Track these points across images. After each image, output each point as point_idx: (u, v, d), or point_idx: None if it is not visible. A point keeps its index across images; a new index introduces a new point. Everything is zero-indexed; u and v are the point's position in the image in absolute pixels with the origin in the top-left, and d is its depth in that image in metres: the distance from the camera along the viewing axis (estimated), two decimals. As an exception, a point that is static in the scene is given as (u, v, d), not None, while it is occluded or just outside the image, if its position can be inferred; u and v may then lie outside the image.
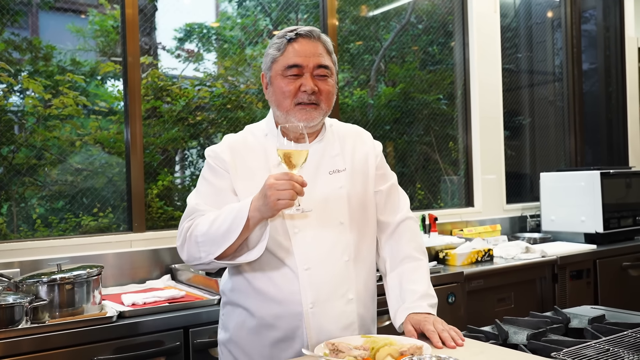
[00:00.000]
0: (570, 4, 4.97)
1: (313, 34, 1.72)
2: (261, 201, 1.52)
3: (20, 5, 2.89)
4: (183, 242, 1.67)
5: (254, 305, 1.70)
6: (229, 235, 1.57)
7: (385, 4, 4.20)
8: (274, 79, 1.72)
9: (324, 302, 1.67)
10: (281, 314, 1.67)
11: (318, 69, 1.70)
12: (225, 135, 1.83)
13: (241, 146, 1.77)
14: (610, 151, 5.42)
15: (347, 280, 1.71)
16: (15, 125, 2.89)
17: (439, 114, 4.33)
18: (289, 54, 1.69)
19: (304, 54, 1.68)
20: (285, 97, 1.69)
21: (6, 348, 1.93)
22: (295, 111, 1.69)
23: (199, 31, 3.57)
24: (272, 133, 1.77)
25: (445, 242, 3.37)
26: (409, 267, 1.80)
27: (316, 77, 1.70)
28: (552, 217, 4.13)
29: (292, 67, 1.68)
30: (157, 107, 3.24)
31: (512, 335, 1.77)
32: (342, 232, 1.73)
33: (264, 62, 1.76)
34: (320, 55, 1.71)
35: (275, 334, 1.68)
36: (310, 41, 1.71)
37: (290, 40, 1.70)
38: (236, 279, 1.76)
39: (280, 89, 1.70)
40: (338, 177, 1.76)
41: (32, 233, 2.84)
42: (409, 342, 1.52)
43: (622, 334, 1.65)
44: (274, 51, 1.72)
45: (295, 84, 1.68)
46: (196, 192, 1.76)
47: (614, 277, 3.74)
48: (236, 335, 1.75)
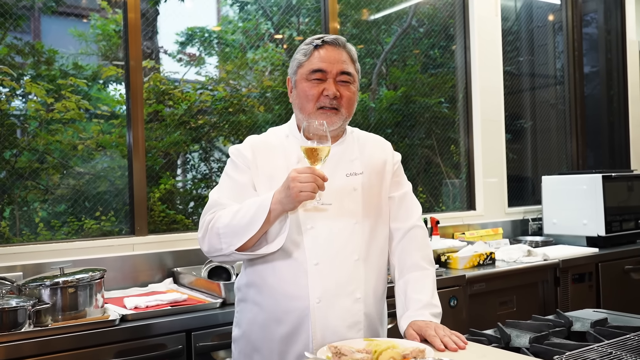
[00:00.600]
0: (572, 7, 4.97)
1: (339, 42, 1.79)
2: (283, 193, 1.58)
3: (23, 9, 2.90)
4: (204, 234, 1.71)
5: (265, 300, 1.74)
6: (250, 227, 1.62)
7: (387, 8, 4.21)
8: (299, 82, 1.79)
9: (331, 298, 1.70)
10: (289, 309, 1.70)
11: (341, 75, 1.76)
12: (249, 136, 1.90)
13: (263, 145, 1.83)
14: (612, 154, 5.41)
15: (355, 279, 1.74)
16: (17, 129, 2.90)
17: (441, 117, 4.33)
18: (314, 59, 1.76)
19: (329, 60, 1.75)
20: (308, 100, 1.75)
21: (9, 351, 1.93)
22: (316, 115, 1.74)
23: (200, 35, 3.58)
24: (293, 134, 1.84)
25: (447, 246, 3.37)
26: (415, 276, 1.82)
27: (339, 83, 1.76)
28: (554, 221, 4.12)
29: (317, 72, 1.75)
30: (159, 110, 3.24)
31: (515, 339, 1.77)
32: (354, 232, 1.76)
33: (291, 67, 1.84)
34: (344, 62, 1.78)
35: (283, 329, 1.71)
36: (335, 48, 1.78)
37: (317, 47, 1.77)
38: (250, 275, 1.80)
39: (304, 92, 1.76)
40: (354, 179, 1.81)
41: (34, 237, 2.84)
42: (412, 346, 1.52)
43: (624, 337, 1.65)
44: (300, 56, 1.79)
45: (319, 88, 1.75)
46: (218, 187, 1.81)
47: (616, 281, 3.73)
48: (248, 330, 1.79)
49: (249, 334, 1.79)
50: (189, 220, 3.27)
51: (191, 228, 3.23)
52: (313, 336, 1.67)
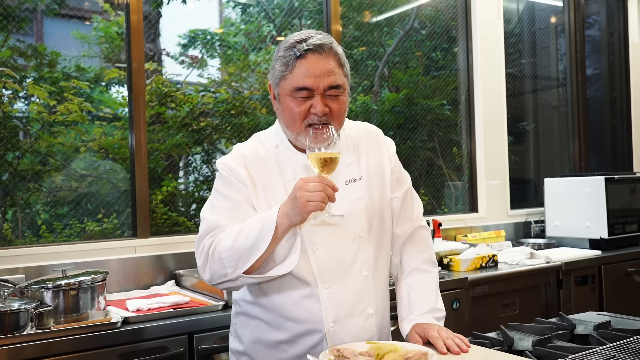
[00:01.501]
0: (574, 9, 4.97)
1: (324, 48, 1.58)
2: (290, 205, 1.47)
3: (26, 12, 2.91)
4: (205, 261, 1.58)
5: (273, 322, 1.67)
6: (257, 247, 1.50)
7: (389, 10, 4.21)
8: (283, 97, 1.62)
9: (345, 319, 1.65)
10: (302, 332, 1.64)
11: (329, 90, 1.59)
12: (235, 146, 1.76)
13: (253, 158, 1.69)
14: (615, 157, 5.40)
15: (367, 296, 1.69)
16: (20, 132, 2.90)
17: (443, 119, 4.33)
18: (298, 74, 1.57)
19: (314, 74, 1.56)
20: (294, 119, 1.60)
21: (11, 354, 1.93)
22: (306, 133, 1.58)
23: (202, 37, 3.59)
24: (284, 144, 1.71)
25: (449, 248, 3.36)
26: (418, 279, 1.79)
27: (328, 97, 1.59)
28: (557, 223, 4.12)
29: (302, 90, 1.57)
30: (162, 113, 3.25)
31: (518, 342, 1.77)
32: (361, 245, 1.69)
33: (271, 74, 1.66)
34: (332, 72, 1.58)
35: (295, 350, 1.65)
36: (320, 57, 1.57)
37: (299, 57, 1.57)
38: (254, 292, 1.71)
39: (289, 111, 1.60)
40: (354, 187, 1.71)
41: (36, 239, 2.84)
42: (414, 348, 1.52)
43: (628, 340, 1.64)
44: (281, 66, 1.60)
45: (305, 105, 1.58)
46: (211, 207, 1.67)
47: (619, 283, 3.72)
48: (252, 349, 1.72)
49: (254, 352, 1.72)
50: (191, 223, 3.27)
51: (193, 230, 3.23)
52: None
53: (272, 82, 1.67)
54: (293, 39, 1.61)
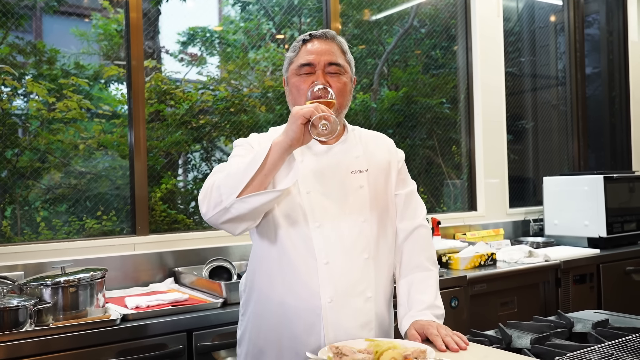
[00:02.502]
0: (574, 8, 4.97)
1: (327, 35, 1.78)
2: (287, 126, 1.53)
3: (25, 9, 2.91)
4: (205, 195, 1.61)
5: (273, 300, 1.71)
6: (251, 166, 1.53)
7: (388, 8, 4.21)
8: (290, 78, 1.79)
9: (342, 297, 1.67)
10: (299, 309, 1.67)
11: (330, 67, 1.75)
12: (252, 134, 1.88)
13: (265, 141, 1.77)
14: (614, 155, 5.41)
15: (366, 278, 1.72)
16: (19, 129, 2.90)
17: (442, 117, 4.33)
18: (302, 54, 1.77)
19: (316, 52, 1.74)
20: (300, 94, 1.74)
21: (10, 350, 1.93)
22: None
23: (202, 35, 3.58)
24: None
25: (448, 246, 3.37)
26: (419, 276, 1.81)
27: (328, 74, 1.74)
28: (555, 222, 4.12)
29: (305, 66, 1.74)
30: (161, 110, 3.25)
31: (516, 340, 1.77)
32: (363, 229, 1.74)
33: (284, 66, 1.85)
34: (333, 53, 1.76)
35: (293, 329, 1.68)
36: (323, 41, 1.77)
37: (305, 42, 1.78)
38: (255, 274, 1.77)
39: (295, 87, 1.76)
40: (360, 176, 1.79)
41: (35, 236, 2.84)
42: (413, 346, 1.52)
43: (626, 338, 1.64)
44: (290, 53, 1.81)
45: (308, 81, 1.74)
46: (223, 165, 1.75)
47: (617, 282, 3.73)
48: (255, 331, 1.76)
49: (256, 335, 1.76)
50: (190, 220, 3.27)
51: (192, 228, 3.23)
52: (325, 336, 1.64)
53: (283, 73, 1.85)
54: (303, 34, 1.82)
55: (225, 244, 3.08)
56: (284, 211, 1.71)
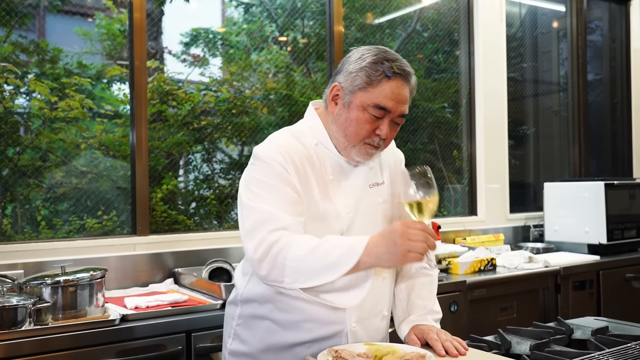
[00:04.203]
0: (577, 14, 4.98)
1: (409, 77, 1.62)
2: (384, 248, 1.39)
3: (29, 8, 2.91)
4: (264, 257, 1.49)
5: (290, 323, 1.64)
6: (329, 272, 1.43)
7: (391, 12, 4.22)
8: (354, 107, 1.60)
9: (365, 319, 1.67)
10: (323, 334, 1.63)
11: (398, 118, 1.63)
12: (273, 138, 1.69)
13: (297, 153, 1.64)
14: (615, 162, 5.41)
15: (384, 297, 1.73)
16: (21, 127, 2.90)
17: (444, 122, 4.33)
18: (383, 93, 1.57)
19: (396, 99, 1.59)
20: (359, 133, 1.60)
21: (9, 349, 1.93)
22: (359, 147, 1.62)
23: (205, 36, 3.59)
24: (324, 144, 1.68)
25: (448, 251, 3.36)
26: (419, 281, 1.81)
27: (392, 122, 1.63)
28: (556, 228, 4.12)
29: (381, 109, 1.58)
30: (163, 111, 3.25)
31: (515, 346, 1.77)
32: None
33: (348, 78, 1.62)
34: (406, 101, 1.63)
35: (309, 351, 1.63)
36: (404, 84, 1.60)
37: (389, 77, 1.58)
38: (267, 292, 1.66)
39: (358, 123, 1.60)
40: (378, 190, 1.74)
41: (36, 235, 2.84)
42: (412, 351, 1.52)
43: (625, 346, 1.64)
44: (365, 77, 1.58)
45: (374, 125, 1.60)
46: (257, 196, 1.58)
47: (617, 289, 3.72)
48: (260, 351, 1.68)
49: (263, 355, 1.68)
50: (191, 221, 3.27)
51: (193, 229, 3.23)
52: None
53: (344, 86, 1.63)
54: (379, 54, 1.60)
55: (225, 245, 3.08)
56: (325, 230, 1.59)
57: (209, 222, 3.39)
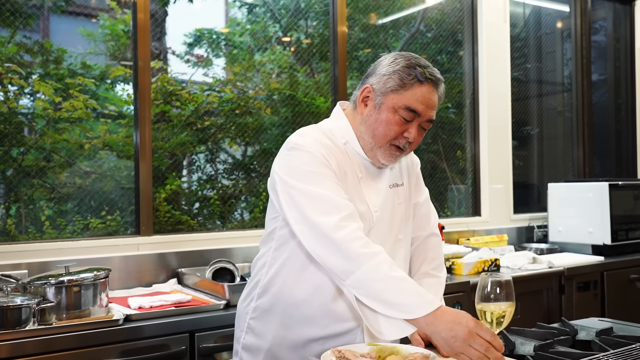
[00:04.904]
0: (581, 14, 4.96)
1: (439, 84, 1.66)
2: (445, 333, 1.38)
3: (33, 8, 2.92)
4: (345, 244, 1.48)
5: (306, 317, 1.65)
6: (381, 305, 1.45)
7: (395, 12, 4.21)
8: (386, 108, 1.63)
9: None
10: (337, 331, 1.65)
11: (426, 123, 1.66)
12: (305, 131, 1.69)
13: (331, 148, 1.66)
14: (619, 163, 5.39)
15: None
16: (25, 128, 2.91)
17: (447, 122, 4.33)
18: (414, 96, 1.61)
19: (426, 103, 1.62)
20: (387, 134, 1.63)
21: (13, 349, 1.94)
22: (385, 149, 1.65)
23: (208, 36, 3.59)
24: (352, 143, 1.71)
25: (451, 251, 3.36)
26: (426, 282, 1.82)
27: (420, 127, 1.65)
28: (560, 228, 4.11)
29: (411, 112, 1.61)
30: (166, 111, 3.25)
31: (519, 346, 1.76)
32: (399, 248, 1.75)
33: (381, 80, 1.65)
34: (435, 108, 1.66)
35: (324, 348, 1.63)
36: (434, 90, 1.64)
37: (421, 82, 1.61)
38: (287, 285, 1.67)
39: (387, 124, 1.63)
40: (397, 191, 1.77)
41: (40, 235, 2.85)
42: (416, 351, 1.52)
43: (630, 347, 1.64)
44: (398, 80, 1.62)
45: (403, 127, 1.63)
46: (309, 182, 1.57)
47: (621, 290, 3.71)
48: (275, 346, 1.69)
49: (277, 349, 1.68)
50: (194, 222, 3.28)
51: (196, 229, 3.24)
52: None
53: (376, 88, 1.65)
54: (412, 59, 1.64)
55: (228, 245, 3.08)
56: None
57: (212, 223, 3.40)
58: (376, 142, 1.65)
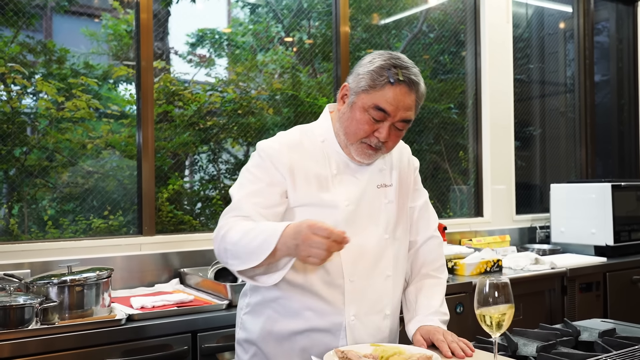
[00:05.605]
0: (584, 15, 4.96)
1: (414, 85, 1.63)
2: (291, 242, 1.43)
3: (36, 8, 2.92)
4: (216, 238, 1.61)
5: (290, 311, 1.68)
6: (252, 257, 1.50)
7: (398, 13, 4.21)
8: (356, 107, 1.64)
9: (364, 315, 1.68)
10: (321, 326, 1.66)
11: (400, 123, 1.64)
12: (279, 134, 1.76)
13: (298, 146, 1.71)
14: (622, 163, 5.38)
15: (386, 296, 1.73)
16: (28, 127, 2.91)
17: (450, 123, 4.32)
18: (384, 97, 1.60)
19: (397, 104, 1.60)
20: (357, 132, 1.65)
21: (16, 348, 1.94)
22: (357, 146, 1.67)
23: (211, 36, 3.59)
24: (330, 141, 1.74)
25: (454, 252, 3.36)
26: (428, 282, 1.84)
27: (393, 127, 1.64)
28: (562, 229, 4.10)
29: (381, 112, 1.61)
30: (169, 111, 3.25)
31: (522, 347, 1.76)
32: (386, 247, 1.74)
33: (355, 79, 1.66)
34: (410, 108, 1.64)
35: (307, 342, 1.66)
36: (408, 91, 1.62)
37: (391, 83, 1.60)
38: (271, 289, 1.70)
39: (357, 122, 1.64)
40: (385, 191, 1.77)
41: (42, 234, 2.85)
42: (419, 352, 1.52)
43: (633, 348, 1.63)
44: (369, 81, 1.62)
45: (373, 127, 1.63)
46: (240, 186, 1.69)
47: (624, 291, 3.71)
48: (263, 340, 1.72)
49: (264, 344, 1.72)
50: (197, 221, 3.28)
51: (198, 229, 3.24)
52: None
53: (352, 87, 1.67)
54: (389, 60, 1.63)
55: (231, 245, 3.08)
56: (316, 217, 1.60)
57: (214, 223, 3.39)
58: (348, 140, 1.68)
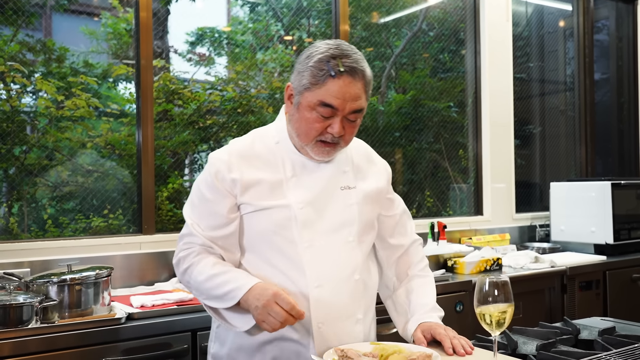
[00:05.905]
0: (583, 13, 4.96)
1: (357, 72, 1.55)
2: (253, 302, 1.49)
3: (35, 7, 2.92)
4: (176, 267, 1.71)
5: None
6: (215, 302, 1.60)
7: (397, 11, 4.21)
8: (303, 107, 1.58)
9: (333, 321, 1.61)
10: (287, 334, 1.60)
11: (351, 114, 1.57)
12: (232, 141, 1.72)
13: (249, 152, 1.67)
14: (622, 162, 5.38)
15: (356, 300, 1.67)
16: (27, 126, 2.91)
17: (449, 121, 4.32)
18: (328, 91, 1.53)
19: (343, 97, 1.53)
20: (309, 132, 1.58)
21: (15, 347, 1.94)
22: (313, 146, 1.60)
23: (210, 35, 3.59)
24: (285, 142, 1.68)
25: (453, 250, 3.36)
26: (418, 282, 1.82)
27: (346, 119, 1.57)
28: (562, 227, 4.10)
29: (328, 107, 1.54)
30: (169, 110, 3.25)
31: (522, 346, 1.76)
32: (352, 249, 1.68)
33: (296, 78, 1.60)
34: (359, 97, 1.56)
35: (278, 353, 1.62)
36: (352, 81, 1.54)
37: (333, 76, 1.53)
38: None
39: (306, 122, 1.58)
40: (349, 193, 1.70)
41: (42, 233, 2.85)
42: (419, 350, 1.52)
43: (633, 346, 1.63)
44: (310, 78, 1.55)
45: (324, 124, 1.56)
46: (192, 207, 1.69)
47: (624, 289, 3.71)
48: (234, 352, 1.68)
49: (236, 354, 1.67)
50: (196, 220, 3.27)
51: (198, 228, 3.23)
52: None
53: (294, 85, 1.61)
54: (327, 51, 1.55)
55: (230, 244, 3.08)
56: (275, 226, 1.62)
57: (214, 221, 3.40)
58: (301, 141, 1.62)
